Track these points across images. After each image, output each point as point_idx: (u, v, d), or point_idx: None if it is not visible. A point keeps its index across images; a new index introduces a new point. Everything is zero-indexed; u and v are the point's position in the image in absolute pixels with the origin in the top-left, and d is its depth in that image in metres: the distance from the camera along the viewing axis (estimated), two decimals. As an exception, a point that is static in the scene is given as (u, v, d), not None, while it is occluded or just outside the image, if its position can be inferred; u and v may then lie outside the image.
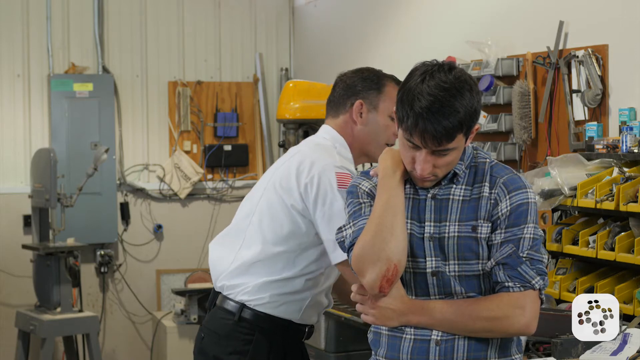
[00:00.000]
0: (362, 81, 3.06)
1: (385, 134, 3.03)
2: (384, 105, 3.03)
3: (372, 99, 3.03)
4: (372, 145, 3.05)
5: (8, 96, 6.85)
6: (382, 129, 3.03)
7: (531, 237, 2.37)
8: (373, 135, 3.04)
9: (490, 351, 2.42)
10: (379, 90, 3.04)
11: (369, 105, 3.03)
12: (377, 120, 3.03)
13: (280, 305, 2.96)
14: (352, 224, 2.46)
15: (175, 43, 7.29)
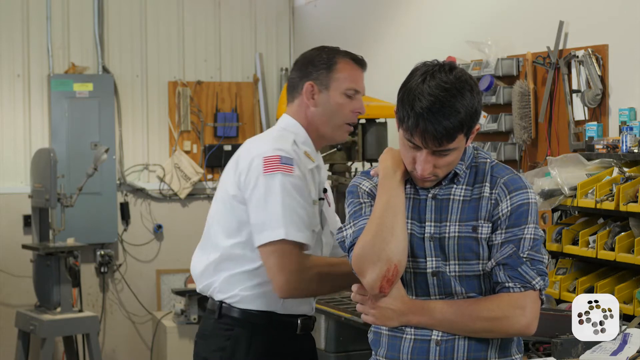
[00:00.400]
0: (312, 61, 2.97)
1: (341, 113, 2.93)
2: (336, 84, 2.92)
3: (322, 79, 2.93)
4: (327, 127, 2.95)
5: (8, 96, 6.86)
6: (335, 108, 2.93)
7: (532, 238, 2.37)
8: (327, 117, 2.94)
9: (490, 351, 2.42)
10: (329, 69, 2.93)
11: (319, 85, 2.93)
12: (329, 100, 2.93)
13: (255, 299, 2.90)
14: (352, 223, 2.46)
15: (175, 43, 7.29)
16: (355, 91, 2.93)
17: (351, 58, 2.96)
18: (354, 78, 2.94)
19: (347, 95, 2.92)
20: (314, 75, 2.94)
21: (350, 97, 2.92)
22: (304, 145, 2.93)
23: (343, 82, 2.91)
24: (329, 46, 3.03)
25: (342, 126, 2.95)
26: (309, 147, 2.94)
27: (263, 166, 2.79)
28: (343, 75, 2.92)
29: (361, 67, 2.97)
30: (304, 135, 2.94)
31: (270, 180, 2.78)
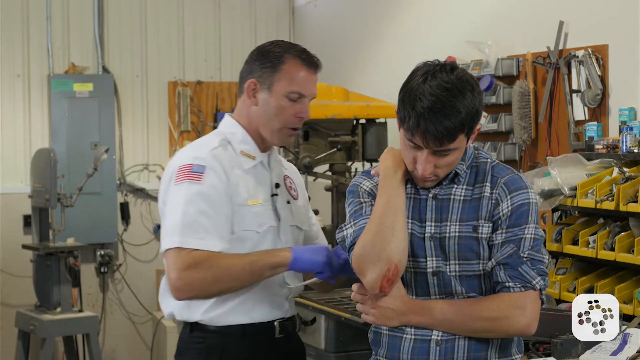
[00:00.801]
0: (259, 57, 2.79)
1: (280, 117, 2.76)
2: (279, 85, 2.74)
3: (266, 78, 2.75)
4: (266, 128, 2.79)
5: (8, 96, 6.86)
6: (274, 111, 2.75)
7: (532, 238, 2.38)
8: (266, 118, 2.77)
9: (490, 351, 2.42)
10: (274, 68, 2.75)
11: (262, 84, 2.76)
12: (270, 101, 2.75)
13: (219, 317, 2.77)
14: (352, 223, 2.46)
15: (175, 43, 7.29)
16: (299, 95, 2.76)
17: (302, 58, 2.77)
18: (301, 81, 2.76)
19: (290, 98, 2.75)
20: (258, 72, 2.77)
21: (294, 101, 2.75)
22: (241, 144, 2.81)
23: (287, 84, 2.74)
24: (284, 42, 2.84)
25: (282, 130, 2.78)
26: (248, 146, 2.81)
27: (175, 176, 2.71)
28: (288, 76, 2.74)
29: (312, 69, 2.79)
30: (242, 134, 2.81)
31: (178, 189, 2.69)
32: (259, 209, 2.78)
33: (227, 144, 2.80)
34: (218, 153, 2.75)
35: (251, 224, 2.76)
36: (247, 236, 2.75)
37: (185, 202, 2.66)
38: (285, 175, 2.95)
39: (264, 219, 2.79)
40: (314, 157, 5.18)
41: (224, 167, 2.73)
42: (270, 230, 2.81)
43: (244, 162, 2.80)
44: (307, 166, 5.14)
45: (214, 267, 2.63)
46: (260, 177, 2.83)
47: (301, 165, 5.13)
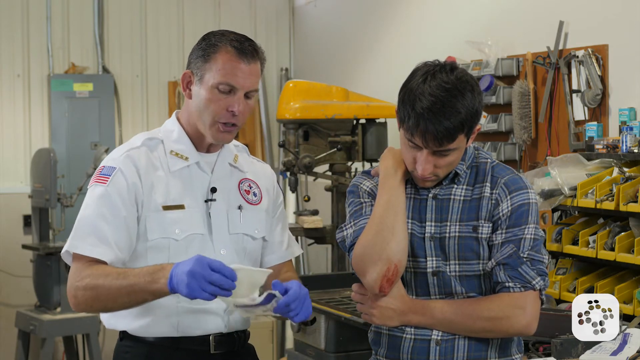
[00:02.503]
0: (196, 48, 2.60)
1: (209, 110, 2.55)
2: (209, 76, 2.54)
3: (198, 69, 2.56)
4: (200, 123, 2.59)
5: (8, 96, 6.86)
6: (204, 103, 2.55)
7: (532, 238, 2.38)
8: (198, 111, 2.58)
9: (490, 351, 2.42)
10: (205, 59, 2.55)
11: (195, 76, 2.57)
12: (201, 93, 2.55)
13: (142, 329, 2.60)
14: (352, 223, 2.46)
15: (175, 43, 7.29)
16: (230, 87, 2.54)
17: (235, 47, 2.55)
18: (231, 72, 2.54)
19: (220, 90, 2.53)
20: (193, 63, 2.59)
21: (225, 93, 2.54)
22: (174, 144, 2.62)
23: (216, 75, 2.53)
24: (226, 31, 2.62)
25: (213, 125, 2.56)
26: (182, 146, 2.62)
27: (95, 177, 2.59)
28: (217, 66, 2.53)
29: (244, 60, 2.55)
30: (178, 132, 2.63)
31: (88, 192, 2.58)
32: (178, 215, 2.57)
33: (157, 143, 2.63)
34: (135, 153, 2.58)
35: (167, 231, 2.55)
36: (163, 244, 2.55)
37: (86, 205, 2.55)
38: (244, 178, 2.72)
39: (186, 225, 2.57)
40: (314, 157, 5.18)
41: (137, 169, 2.56)
42: (195, 238, 2.58)
43: (172, 163, 2.61)
44: (307, 166, 5.14)
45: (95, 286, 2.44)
46: (191, 180, 2.62)
47: (301, 165, 5.13)
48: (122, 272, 2.45)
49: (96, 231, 2.50)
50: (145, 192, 2.55)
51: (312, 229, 5.34)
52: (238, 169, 2.72)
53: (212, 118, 2.56)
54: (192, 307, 2.57)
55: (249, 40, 2.61)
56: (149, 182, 2.56)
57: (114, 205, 2.52)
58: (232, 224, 2.65)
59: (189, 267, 2.31)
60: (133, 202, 2.54)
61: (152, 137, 2.64)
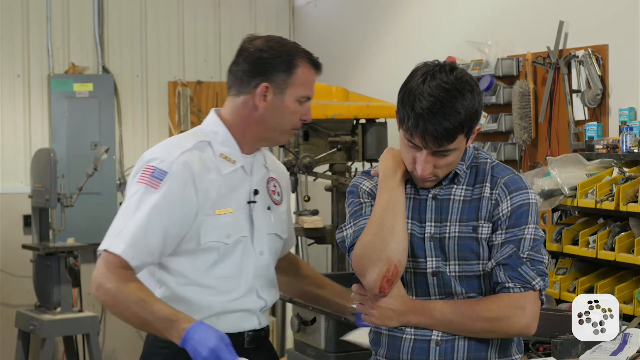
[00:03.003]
0: (271, 59, 2.66)
1: (291, 119, 2.70)
2: (292, 90, 2.67)
3: (279, 82, 2.65)
4: (275, 132, 2.71)
5: (8, 96, 6.86)
6: (287, 115, 2.68)
7: (532, 238, 2.37)
8: (277, 121, 2.69)
9: (490, 351, 2.42)
10: (288, 72, 2.66)
11: (275, 88, 2.66)
12: (283, 106, 2.67)
13: None
14: (352, 223, 2.46)
15: (175, 43, 7.29)
16: (307, 98, 2.71)
17: (310, 62, 2.70)
18: (310, 84, 2.71)
19: (300, 102, 2.69)
20: (271, 75, 2.66)
21: (301, 104, 2.69)
22: (221, 147, 2.69)
23: (300, 89, 2.67)
24: (284, 41, 2.71)
25: (289, 131, 2.74)
26: (228, 148, 2.69)
27: (140, 174, 2.61)
28: (301, 81, 2.67)
29: (318, 73, 2.74)
30: (224, 134, 2.70)
31: (135, 190, 2.60)
32: (228, 219, 2.65)
33: (206, 145, 2.68)
34: (190, 157, 2.62)
35: (218, 235, 2.64)
36: (214, 247, 2.63)
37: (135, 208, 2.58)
38: (270, 177, 2.82)
39: (234, 229, 2.66)
40: (314, 157, 5.18)
41: (192, 174, 2.60)
42: (240, 241, 2.68)
43: (222, 167, 2.67)
44: (307, 166, 5.14)
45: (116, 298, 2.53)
46: (237, 183, 2.70)
47: (301, 165, 5.13)
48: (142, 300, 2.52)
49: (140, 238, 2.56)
50: (199, 198, 2.60)
51: (312, 229, 5.34)
52: (267, 169, 2.82)
53: (291, 126, 2.71)
54: (235, 308, 2.68)
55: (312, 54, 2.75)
56: (204, 188, 2.61)
57: (162, 215, 2.56)
58: (267, 224, 2.76)
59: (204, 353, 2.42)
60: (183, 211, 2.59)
61: (201, 139, 2.68)
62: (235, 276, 2.68)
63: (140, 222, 2.56)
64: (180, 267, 2.64)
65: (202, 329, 2.46)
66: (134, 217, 2.57)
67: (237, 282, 2.68)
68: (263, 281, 2.74)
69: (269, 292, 2.78)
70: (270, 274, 2.78)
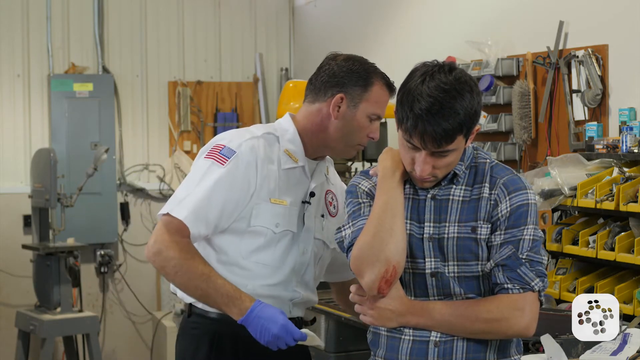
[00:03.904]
0: (349, 73, 2.79)
1: (359, 134, 2.82)
2: (365, 105, 2.79)
3: (354, 96, 2.78)
4: (341, 143, 2.82)
5: (8, 96, 6.85)
6: (356, 129, 2.80)
7: (531, 239, 2.37)
8: (345, 133, 2.80)
9: (489, 352, 2.42)
10: (364, 89, 2.78)
11: (349, 101, 2.78)
12: (354, 119, 2.79)
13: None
14: (351, 224, 2.46)
15: (175, 43, 7.29)
16: (378, 117, 2.83)
17: (386, 83, 2.82)
18: (382, 105, 2.82)
19: (371, 119, 2.81)
20: (348, 88, 2.78)
21: (370, 121, 2.82)
22: (288, 143, 2.81)
23: (372, 106, 2.79)
24: (364, 60, 2.84)
25: (355, 146, 2.84)
26: (294, 147, 2.82)
27: (208, 151, 2.75)
28: (375, 98, 2.79)
29: (392, 95, 2.81)
30: (293, 134, 2.82)
31: (202, 164, 2.73)
32: (280, 210, 2.77)
33: (274, 139, 2.81)
34: (257, 143, 2.77)
35: (268, 221, 2.76)
36: (262, 232, 2.75)
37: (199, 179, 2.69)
38: (329, 190, 2.94)
39: (284, 220, 2.78)
40: (314, 157, 5.17)
41: (257, 158, 2.74)
42: (287, 234, 2.79)
43: (284, 161, 2.79)
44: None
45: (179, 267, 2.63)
46: (296, 180, 2.82)
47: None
48: (206, 274, 2.65)
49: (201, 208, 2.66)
50: (259, 182, 2.73)
51: (312, 229, 5.33)
52: (327, 180, 2.94)
53: (357, 141, 2.82)
54: (265, 293, 2.76)
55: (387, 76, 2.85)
56: (264, 173, 2.74)
57: (226, 189, 2.68)
58: (317, 229, 2.87)
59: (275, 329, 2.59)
60: (244, 190, 2.71)
61: (269, 132, 2.82)
62: (275, 266, 2.78)
63: (203, 193, 2.67)
64: (226, 245, 2.75)
65: (266, 307, 2.61)
66: (198, 187, 2.68)
67: (274, 272, 2.78)
68: (299, 279, 2.84)
69: (303, 290, 2.86)
70: (307, 276, 2.87)
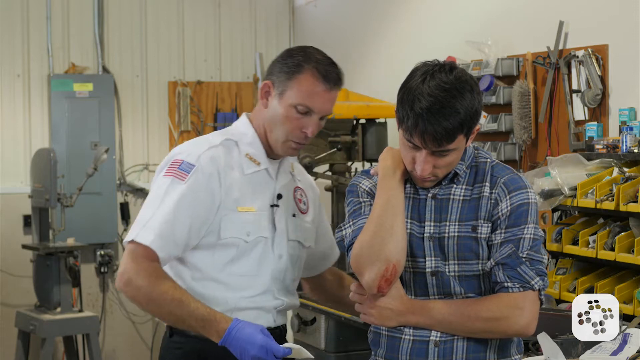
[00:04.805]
0: (280, 61, 2.67)
1: (287, 127, 2.64)
2: (290, 94, 2.62)
3: (279, 83, 2.64)
4: (271, 136, 2.69)
5: (8, 96, 6.85)
6: (279, 119, 2.64)
7: (531, 238, 2.37)
8: (272, 124, 2.67)
9: (489, 352, 2.42)
10: (289, 76, 2.63)
11: (276, 88, 2.65)
12: (278, 109, 2.64)
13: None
14: (351, 223, 2.46)
15: (175, 43, 7.29)
16: (307, 109, 2.63)
17: (319, 71, 2.63)
18: (312, 95, 2.62)
19: (298, 110, 2.63)
20: (275, 75, 2.66)
21: (302, 114, 2.63)
22: (248, 147, 2.71)
23: (297, 95, 2.62)
24: (313, 50, 2.70)
25: (286, 142, 2.67)
26: (255, 150, 2.71)
27: (166, 168, 2.64)
28: (300, 87, 2.62)
29: (327, 85, 2.64)
30: (252, 136, 2.72)
31: (162, 183, 2.61)
32: (249, 217, 2.68)
33: (233, 144, 2.71)
34: (216, 152, 2.66)
35: (239, 231, 2.66)
36: (233, 243, 2.65)
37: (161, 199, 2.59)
38: (297, 187, 2.85)
39: (254, 228, 2.68)
40: (314, 157, 5.18)
41: (218, 170, 2.64)
42: (260, 241, 2.70)
43: (246, 166, 2.70)
44: (307, 166, 5.13)
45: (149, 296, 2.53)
46: (261, 184, 2.73)
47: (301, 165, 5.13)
48: (178, 299, 2.53)
49: (166, 229, 2.56)
50: (223, 192, 2.63)
51: (312, 229, 5.34)
52: (294, 177, 2.85)
53: (285, 136, 2.66)
54: (249, 305, 2.69)
55: (334, 66, 2.68)
56: (228, 183, 2.64)
57: (189, 205, 2.58)
58: (290, 230, 2.77)
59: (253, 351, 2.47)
60: (208, 203, 2.61)
61: (228, 138, 2.71)
62: (252, 275, 2.69)
63: (167, 213, 2.57)
64: (198, 261, 2.66)
65: (243, 327, 2.50)
66: (160, 207, 2.59)
67: (253, 281, 2.69)
68: (280, 285, 2.75)
69: (286, 296, 2.79)
70: (287, 280, 2.78)
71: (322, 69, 2.64)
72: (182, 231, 2.59)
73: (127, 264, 2.56)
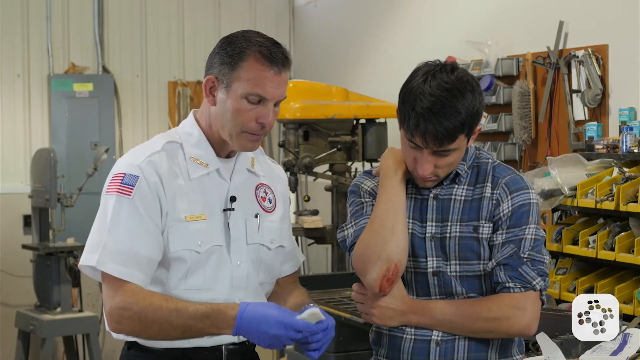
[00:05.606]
0: (220, 52, 2.42)
1: (241, 119, 2.39)
2: (237, 85, 2.38)
3: (223, 76, 2.40)
4: (224, 131, 2.43)
5: (8, 96, 6.86)
6: (231, 113, 2.39)
7: (532, 238, 2.37)
8: (224, 120, 2.42)
9: (490, 352, 2.42)
10: (232, 66, 2.39)
11: (221, 82, 2.41)
12: (227, 103, 2.40)
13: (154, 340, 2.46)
14: (353, 223, 2.46)
15: (175, 43, 7.29)
16: (260, 97, 2.40)
17: (264, 55, 2.39)
18: (261, 82, 2.40)
19: (250, 100, 2.39)
20: (217, 68, 2.42)
21: (254, 103, 2.40)
22: (193, 149, 2.47)
23: (245, 85, 2.38)
24: (252, 33, 2.45)
25: (241, 135, 2.42)
26: (201, 151, 2.47)
27: (108, 184, 2.42)
28: (247, 76, 2.38)
29: (275, 68, 2.42)
30: (198, 137, 2.48)
31: (108, 200, 2.40)
32: (200, 226, 2.43)
33: (177, 147, 2.48)
34: (157, 159, 2.43)
35: (189, 242, 2.42)
36: (185, 256, 2.41)
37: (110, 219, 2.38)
38: (260, 183, 2.59)
39: (207, 237, 2.44)
40: (314, 157, 5.18)
41: (160, 177, 2.41)
42: (214, 250, 2.45)
43: (192, 170, 2.46)
44: (307, 166, 5.14)
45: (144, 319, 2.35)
46: (211, 188, 2.48)
47: (301, 165, 5.13)
48: (174, 309, 2.35)
49: (127, 250, 2.37)
50: (168, 201, 2.41)
51: (312, 229, 5.35)
52: (255, 174, 2.59)
53: (240, 129, 2.41)
54: None
55: (278, 45, 2.45)
56: (172, 191, 2.42)
57: (142, 219, 2.38)
58: (250, 234, 2.52)
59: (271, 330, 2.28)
60: (159, 212, 2.40)
61: (171, 140, 2.49)
62: (208, 288, 2.45)
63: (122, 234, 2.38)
64: (159, 275, 2.43)
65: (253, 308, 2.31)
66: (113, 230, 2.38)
67: (211, 295, 2.45)
68: (243, 293, 2.50)
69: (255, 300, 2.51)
70: (252, 284, 2.53)
71: (265, 51, 2.39)
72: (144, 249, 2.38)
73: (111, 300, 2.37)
